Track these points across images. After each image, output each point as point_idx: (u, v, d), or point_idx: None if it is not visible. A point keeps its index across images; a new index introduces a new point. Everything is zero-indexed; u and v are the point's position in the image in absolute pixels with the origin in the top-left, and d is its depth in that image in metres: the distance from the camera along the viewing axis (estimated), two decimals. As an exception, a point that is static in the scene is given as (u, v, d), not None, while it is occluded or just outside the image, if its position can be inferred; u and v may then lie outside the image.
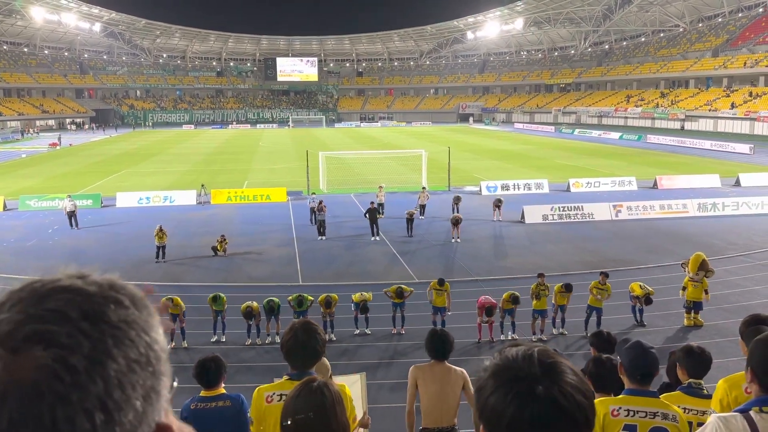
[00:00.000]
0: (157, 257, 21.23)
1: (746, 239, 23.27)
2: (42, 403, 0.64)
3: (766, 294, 16.87)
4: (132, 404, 0.70)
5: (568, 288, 14.55)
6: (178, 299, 14.01)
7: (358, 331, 14.82)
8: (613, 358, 5.74)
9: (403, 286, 15.03)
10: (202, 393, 5.50)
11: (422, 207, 27.88)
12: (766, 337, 2.69)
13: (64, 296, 0.71)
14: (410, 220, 24.71)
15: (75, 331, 0.68)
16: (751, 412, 2.55)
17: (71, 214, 26.44)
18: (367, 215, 24.63)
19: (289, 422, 2.51)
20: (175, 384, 0.98)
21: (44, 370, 0.65)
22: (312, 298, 14.52)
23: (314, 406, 2.46)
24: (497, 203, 27.35)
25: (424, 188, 29.22)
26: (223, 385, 5.60)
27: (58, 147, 67.94)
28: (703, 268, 15.02)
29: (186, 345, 13.90)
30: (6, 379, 0.65)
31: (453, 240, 23.59)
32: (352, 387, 5.63)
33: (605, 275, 14.90)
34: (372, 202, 25.35)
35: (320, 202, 25.07)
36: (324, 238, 24.12)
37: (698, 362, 4.69)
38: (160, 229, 21.38)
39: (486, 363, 1.26)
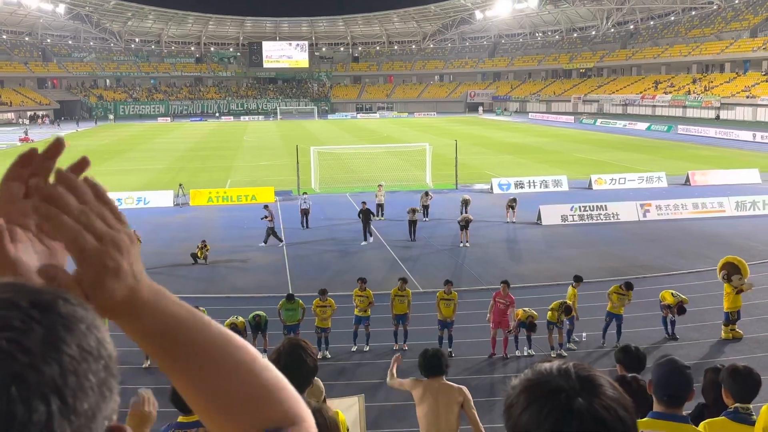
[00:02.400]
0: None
1: (790, 241, 23.30)
2: None
3: (812, 302, 16.87)
4: (86, 393, 0.73)
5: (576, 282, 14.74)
6: None
7: (355, 348, 14.84)
8: (640, 379, 5.73)
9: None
10: (180, 419, 5.49)
11: (425, 208, 27.89)
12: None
13: (11, 288, 0.76)
14: (413, 222, 24.72)
15: (26, 318, 0.72)
16: None
17: None
18: (360, 216, 24.66)
19: None
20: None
21: None
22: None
23: None
24: (511, 203, 27.34)
25: (428, 193, 28.92)
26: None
27: (29, 142, 68.54)
28: (725, 268, 14.99)
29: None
30: None
31: (461, 244, 23.57)
32: (348, 411, 5.64)
33: (629, 286, 14.85)
34: (364, 202, 25.37)
35: (266, 207, 25.18)
36: (282, 243, 24.06)
37: (745, 384, 4.55)
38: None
39: (515, 380, 1.28)
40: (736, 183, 34.98)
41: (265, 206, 25.35)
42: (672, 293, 14.85)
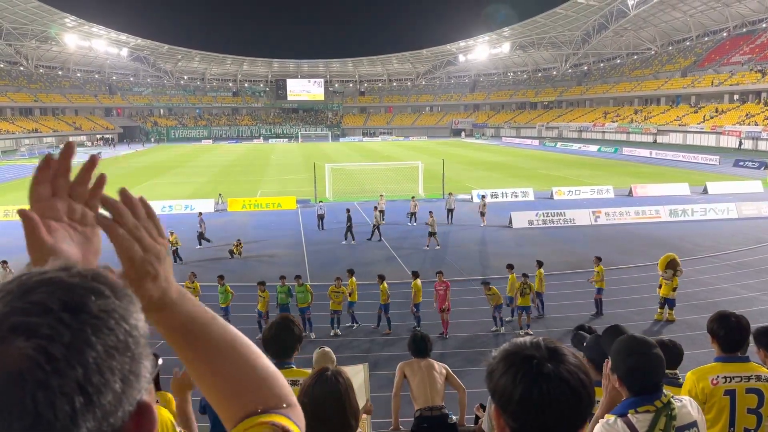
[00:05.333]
0: (174, 260, 21.28)
1: (713, 242, 23.24)
2: (24, 389, 0.63)
3: (732, 291, 16.84)
4: (111, 387, 0.69)
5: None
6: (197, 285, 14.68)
7: (355, 326, 14.94)
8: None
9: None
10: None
11: (413, 215, 27.70)
12: (620, 346, 2.75)
13: (47, 289, 0.70)
14: (377, 225, 24.86)
15: (55, 322, 0.67)
16: (629, 415, 2.59)
17: None
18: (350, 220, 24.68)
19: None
20: (160, 362, 1.04)
21: (26, 359, 0.64)
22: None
23: (330, 392, 2.46)
24: (482, 209, 27.21)
25: (413, 197, 28.94)
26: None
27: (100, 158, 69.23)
28: (671, 266, 14.93)
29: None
30: None
31: (436, 247, 23.15)
32: (356, 376, 5.63)
33: (598, 258, 15.75)
34: (348, 210, 25.28)
35: (200, 214, 24.85)
36: (202, 246, 23.65)
37: (671, 354, 4.61)
38: (171, 234, 21.44)
39: (495, 351, 1.29)
40: (670, 194, 34.90)
41: (199, 214, 25.13)
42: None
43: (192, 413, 3.02)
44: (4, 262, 16.73)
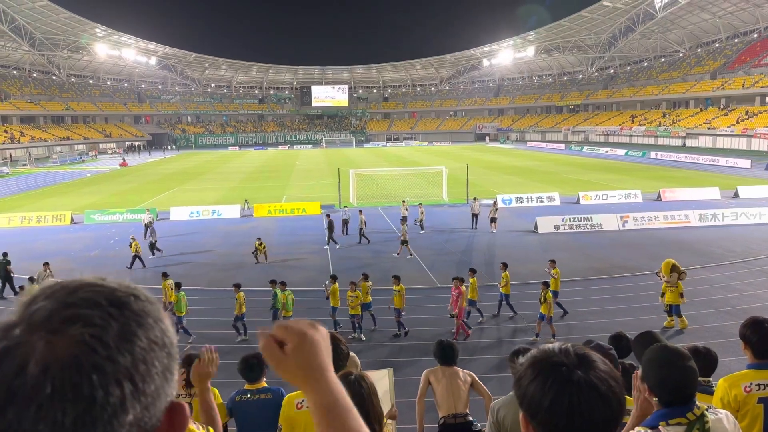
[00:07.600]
0: (131, 266, 21.31)
1: (744, 247, 22.71)
2: (81, 372, 0.68)
3: (764, 298, 16.42)
4: (153, 378, 0.75)
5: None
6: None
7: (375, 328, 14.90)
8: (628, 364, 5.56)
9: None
10: (246, 386, 5.55)
11: (420, 221, 27.38)
12: (654, 356, 2.68)
13: (92, 289, 0.77)
14: (361, 229, 25.06)
15: (106, 315, 0.74)
16: (660, 427, 2.53)
17: (148, 226, 26.75)
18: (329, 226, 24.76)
19: None
20: (193, 337, 1.08)
21: (82, 345, 0.70)
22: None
23: (353, 397, 2.47)
24: (493, 214, 26.89)
25: (420, 204, 28.54)
26: (264, 379, 5.64)
27: (126, 166, 70.92)
28: (675, 270, 14.63)
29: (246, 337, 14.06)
30: (47, 354, 0.69)
31: (407, 254, 22.66)
32: (380, 381, 5.63)
33: (552, 261, 15.83)
34: (328, 215, 25.31)
35: (150, 223, 24.69)
36: (161, 254, 23.35)
37: (705, 362, 4.51)
38: (133, 239, 21.80)
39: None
40: (699, 199, 34.27)
41: (150, 223, 25.08)
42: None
43: (214, 402, 3.04)
44: (46, 263, 17.70)
